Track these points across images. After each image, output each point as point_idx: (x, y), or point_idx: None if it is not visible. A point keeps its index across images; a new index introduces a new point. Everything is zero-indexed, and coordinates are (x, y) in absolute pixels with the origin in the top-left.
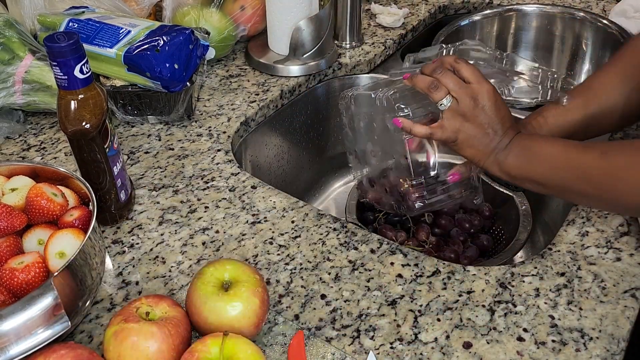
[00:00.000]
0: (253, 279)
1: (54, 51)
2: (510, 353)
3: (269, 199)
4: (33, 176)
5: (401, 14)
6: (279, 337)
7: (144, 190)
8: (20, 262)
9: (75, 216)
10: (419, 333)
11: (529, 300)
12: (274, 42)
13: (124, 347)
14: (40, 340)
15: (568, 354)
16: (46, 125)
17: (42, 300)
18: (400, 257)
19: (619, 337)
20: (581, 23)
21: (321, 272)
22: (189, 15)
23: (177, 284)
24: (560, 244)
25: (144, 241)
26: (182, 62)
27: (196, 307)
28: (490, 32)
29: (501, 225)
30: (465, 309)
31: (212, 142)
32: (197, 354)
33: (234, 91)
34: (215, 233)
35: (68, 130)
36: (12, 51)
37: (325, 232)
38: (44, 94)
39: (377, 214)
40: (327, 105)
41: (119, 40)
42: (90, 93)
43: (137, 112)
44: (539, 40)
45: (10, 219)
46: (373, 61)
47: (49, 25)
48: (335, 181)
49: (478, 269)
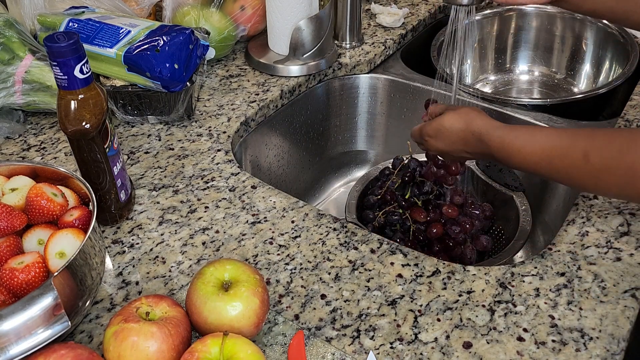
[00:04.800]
0: (253, 279)
1: (54, 51)
2: (510, 353)
3: (269, 199)
4: (33, 176)
5: (401, 14)
6: (279, 337)
7: (144, 190)
8: (20, 262)
9: (75, 216)
10: (419, 333)
11: (529, 300)
12: (274, 42)
13: (124, 347)
14: (40, 340)
15: (568, 354)
16: (46, 125)
17: (42, 300)
18: (400, 257)
19: (619, 337)
20: (581, 23)
21: (321, 272)
22: (189, 15)
23: (177, 284)
24: (560, 244)
25: (144, 241)
26: (182, 62)
27: (196, 307)
28: (490, 32)
29: (501, 225)
30: (465, 309)
31: (212, 142)
32: (197, 354)
33: (234, 91)
34: (215, 233)
35: (68, 130)
36: (12, 51)
37: (325, 232)
38: (44, 94)
39: (376, 212)
40: (327, 105)
41: (119, 40)
42: (90, 93)
43: (137, 112)
44: (539, 40)
45: (10, 219)
46: (373, 61)
47: (49, 25)
48: (335, 181)
49: (478, 269)
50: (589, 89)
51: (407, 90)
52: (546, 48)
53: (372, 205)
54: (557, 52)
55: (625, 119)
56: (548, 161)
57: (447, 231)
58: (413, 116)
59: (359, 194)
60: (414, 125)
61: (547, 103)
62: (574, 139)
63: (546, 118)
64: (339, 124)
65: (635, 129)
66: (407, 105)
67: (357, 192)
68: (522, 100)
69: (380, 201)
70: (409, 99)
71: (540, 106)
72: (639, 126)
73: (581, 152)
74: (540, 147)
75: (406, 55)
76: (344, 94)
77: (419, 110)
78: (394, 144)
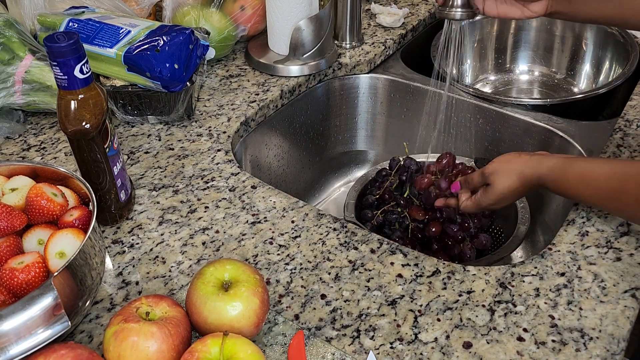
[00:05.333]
0: (253, 279)
1: (54, 51)
2: (510, 353)
3: (269, 199)
4: (33, 176)
5: (401, 14)
6: (279, 337)
7: (144, 190)
8: (20, 262)
9: (75, 216)
10: (419, 333)
11: (529, 300)
12: (274, 42)
13: (124, 347)
14: (40, 340)
15: (568, 354)
16: (46, 125)
17: (42, 300)
18: (400, 257)
19: (619, 337)
20: (581, 23)
21: (321, 272)
22: (189, 15)
23: (177, 284)
24: (560, 244)
25: (144, 241)
26: (182, 62)
27: (196, 307)
28: (490, 32)
29: (500, 223)
30: (465, 309)
31: (212, 142)
32: (197, 354)
33: (234, 91)
34: (215, 233)
35: (68, 130)
36: (12, 51)
37: (325, 232)
38: (44, 94)
39: (375, 211)
40: (327, 105)
41: (119, 40)
42: (90, 93)
43: (137, 112)
44: (539, 40)
45: (10, 219)
46: (373, 61)
47: (49, 25)
48: (335, 181)
49: (478, 269)
50: (589, 89)
51: (407, 90)
52: (546, 48)
53: (370, 205)
54: (557, 52)
55: (625, 119)
56: (614, 198)
57: (446, 230)
58: (413, 116)
59: (358, 194)
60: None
61: (547, 103)
62: (616, 170)
63: (546, 118)
64: (339, 124)
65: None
66: (407, 105)
67: (355, 192)
68: (522, 100)
69: (378, 200)
70: (409, 99)
71: (540, 106)
72: (639, 126)
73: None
74: (597, 194)
75: (406, 55)
76: (344, 94)
77: (419, 110)
78: (393, 144)
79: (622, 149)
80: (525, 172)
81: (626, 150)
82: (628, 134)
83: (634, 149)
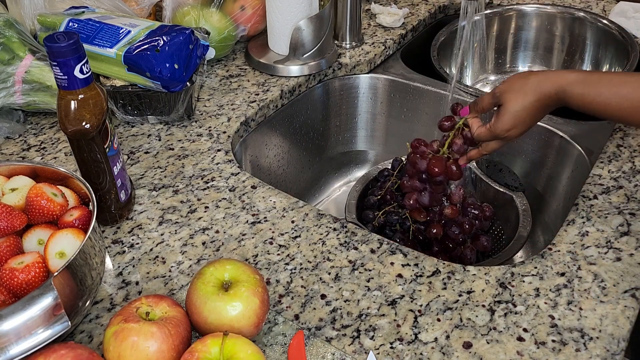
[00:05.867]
0: (253, 279)
1: (54, 51)
2: (510, 353)
3: (269, 199)
4: (33, 176)
5: (401, 14)
6: (279, 337)
7: (144, 190)
8: (20, 262)
9: (75, 216)
10: (419, 333)
11: (529, 300)
12: (274, 42)
13: (124, 347)
14: (40, 340)
15: (568, 354)
16: (46, 125)
17: (42, 300)
18: (400, 257)
19: (619, 337)
20: (581, 23)
21: (321, 272)
22: (189, 15)
23: (177, 284)
24: (560, 244)
25: (144, 241)
26: (182, 62)
27: (196, 307)
28: (490, 32)
29: (501, 225)
30: (465, 309)
31: (212, 142)
32: (197, 354)
33: (234, 91)
34: (215, 233)
35: (68, 130)
36: (12, 51)
37: (325, 232)
38: (44, 94)
39: (376, 212)
40: (327, 105)
41: (119, 40)
42: (90, 93)
43: (137, 112)
44: (539, 40)
45: (10, 219)
46: (373, 61)
47: (49, 25)
48: (335, 181)
49: (478, 269)
50: None
51: (407, 90)
52: (546, 48)
53: (372, 206)
54: (557, 52)
55: None
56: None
57: (447, 232)
58: (413, 116)
59: (359, 194)
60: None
61: None
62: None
63: (546, 118)
64: (339, 124)
65: None
66: (407, 105)
67: (356, 192)
68: None
69: (380, 201)
70: (409, 99)
71: None
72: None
73: None
74: (628, 101)
75: (406, 55)
76: (344, 94)
77: (419, 110)
78: (394, 144)
79: (622, 149)
80: (543, 85)
81: (626, 150)
82: (628, 134)
83: (634, 149)
